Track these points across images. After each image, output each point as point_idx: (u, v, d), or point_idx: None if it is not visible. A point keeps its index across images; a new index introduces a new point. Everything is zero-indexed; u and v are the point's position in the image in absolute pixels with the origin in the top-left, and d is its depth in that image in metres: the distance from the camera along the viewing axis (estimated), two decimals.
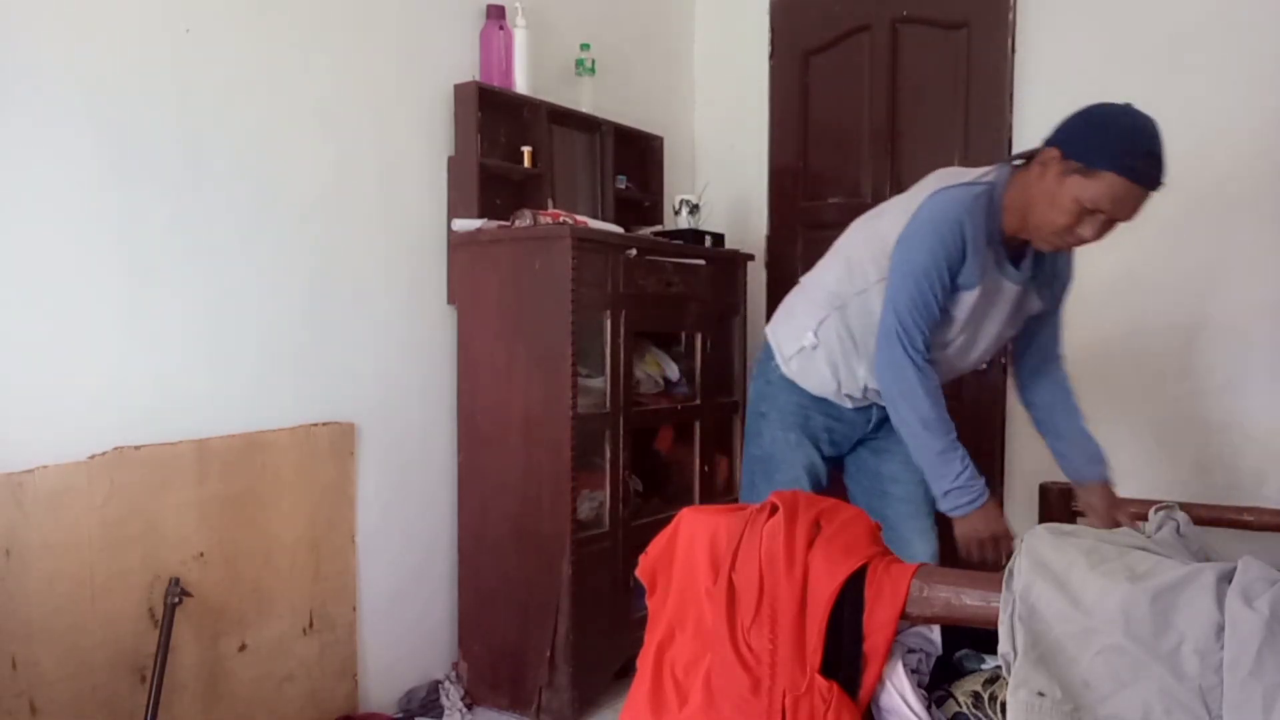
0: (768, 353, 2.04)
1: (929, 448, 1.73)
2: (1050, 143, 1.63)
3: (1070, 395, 1.98)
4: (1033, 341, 1.97)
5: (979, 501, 1.72)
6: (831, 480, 2.08)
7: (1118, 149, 1.54)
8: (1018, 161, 1.73)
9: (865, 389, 1.92)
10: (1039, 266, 1.81)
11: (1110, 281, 2.83)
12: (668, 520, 1.35)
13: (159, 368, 2.05)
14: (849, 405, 1.98)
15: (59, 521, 1.86)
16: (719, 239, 3.17)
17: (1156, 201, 2.82)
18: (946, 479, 1.72)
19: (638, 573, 1.38)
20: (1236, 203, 2.66)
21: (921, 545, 1.98)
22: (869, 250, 1.83)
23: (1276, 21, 2.60)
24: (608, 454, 2.66)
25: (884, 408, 1.97)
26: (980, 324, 1.81)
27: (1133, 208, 1.57)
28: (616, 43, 3.26)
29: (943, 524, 1.94)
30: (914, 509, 2.01)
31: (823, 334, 1.90)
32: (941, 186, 1.73)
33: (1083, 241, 1.63)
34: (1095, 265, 2.84)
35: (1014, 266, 1.76)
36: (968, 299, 1.73)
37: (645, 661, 1.31)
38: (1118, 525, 1.77)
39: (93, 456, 1.92)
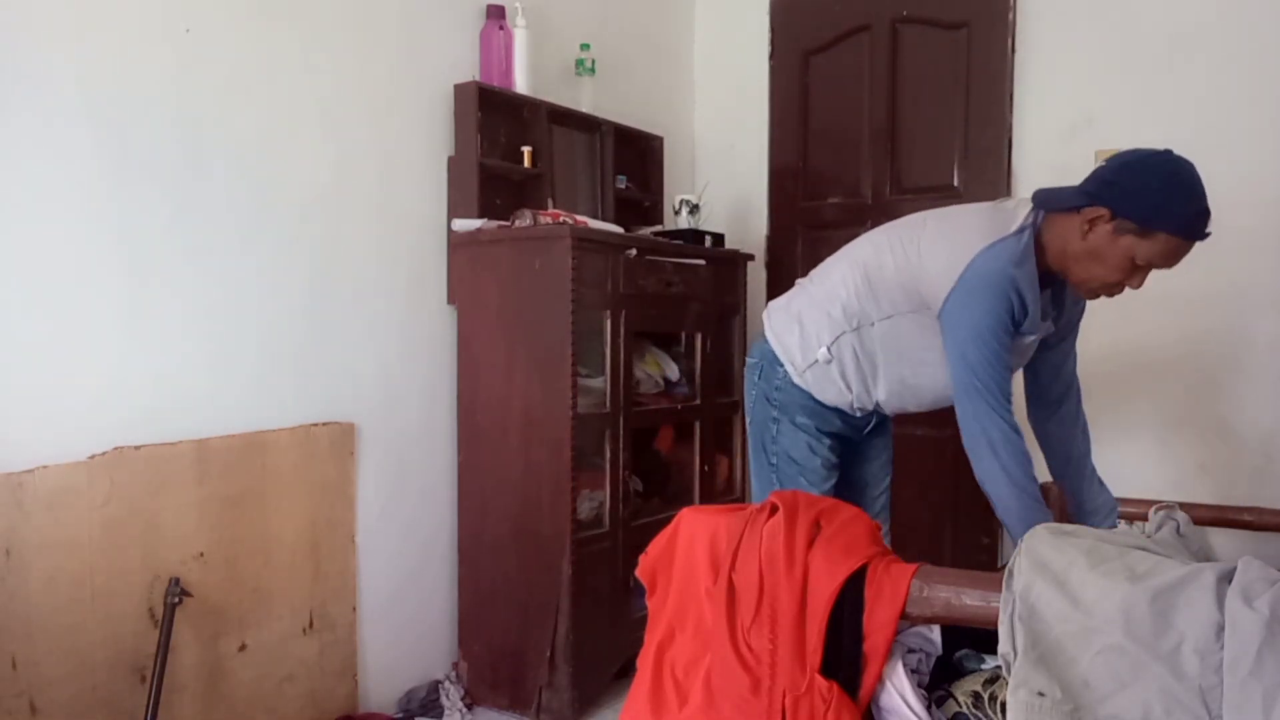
0: (770, 358, 1.98)
1: (1012, 508, 1.66)
2: (1096, 199, 1.60)
3: (1086, 441, 1.98)
4: (1059, 371, 1.95)
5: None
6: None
7: (1176, 212, 1.55)
8: (1050, 205, 1.70)
9: (878, 404, 1.93)
10: (1057, 295, 1.83)
11: None
12: (668, 520, 1.35)
13: (159, 368, 2.05)
14: (859, 415, 1.97)
15: (59, 521, 1.86)
16: (719, 239, 3.17)
17: None
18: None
19: (638, 573, 1.38)
20: (1236, 203, 2.65)
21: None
22: (901, 278, 1.78)
23: (1277, 21, 2.60)
24: (608, 454, 2.66)
25: (883, 415, 2.01)
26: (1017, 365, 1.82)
27: (1182, 259, 1.62)
28: (616, 43, 3.26)
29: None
30: (886, 515, 2.11)
31: (837, 350, 1.87)
32: (986, 245, 1.68)
33: (1122, 291, 1.67)
34: None
35: (1046, 308, 1.78)
36: (1024, 342, 1.75)
37: (645, 661, 1.31)
38: None
39: (93, 456, 1.92)
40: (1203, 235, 1.58)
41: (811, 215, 3.44)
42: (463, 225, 2.64)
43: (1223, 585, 0.95)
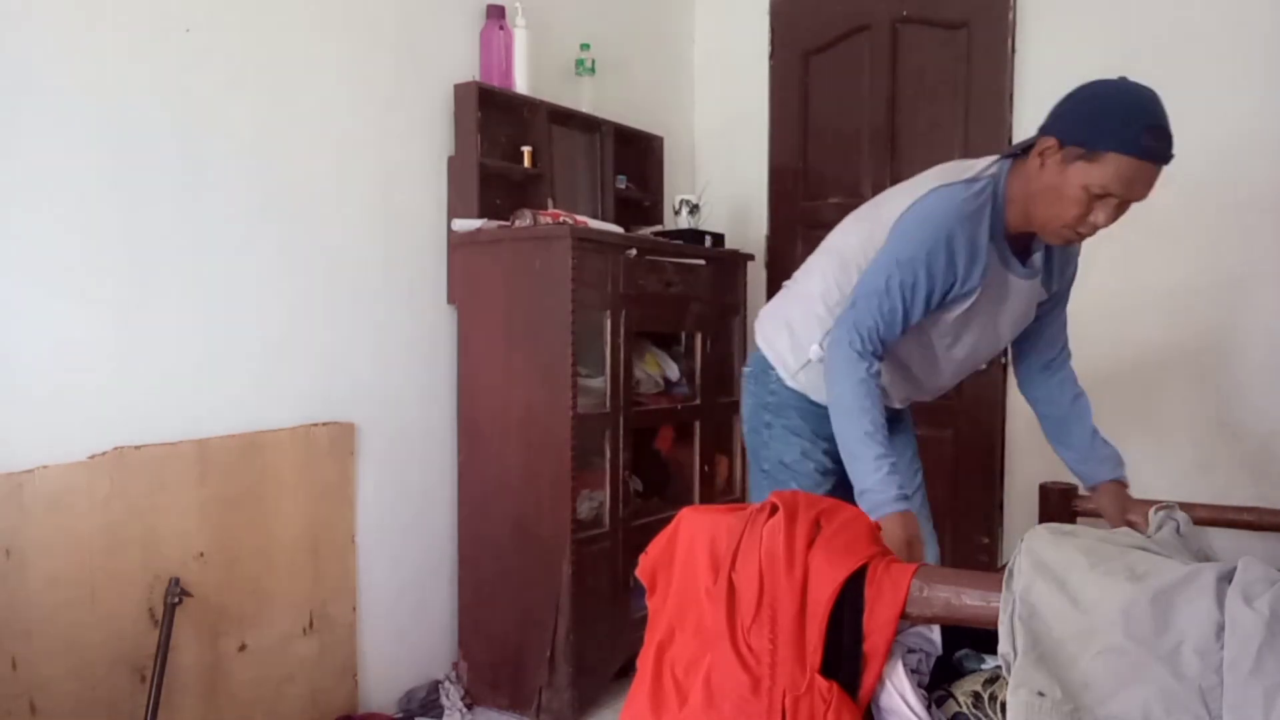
0: (763, 364, 1.93)
1: (845, 440, 1.62)
2: (1045, 130, 1.54)
3: (1080, 396, 1.91)
4: (1041, 335, 1.88)
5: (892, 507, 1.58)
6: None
7: (1120, 127, 1.45)
8: (1016, 153, 1.63)
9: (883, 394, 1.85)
10: (1049, 258, 1.75)
11: (1109, 281, 2.83)
12: (668, 520, 1.35)
13: (159, 368, 2.05)
14: None
15: (59, 521, 1.86)
16: (719, 239, 3.17)
17: (1156, 200, 2.81)
18: (860, 477, 1.61)
19: (638, 573, 1.38)
20: (1236, 202, 2.66)
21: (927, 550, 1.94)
22: (867, 247, 1.72)
23: (1276, 19, 2.60)
24: (608, 454, 2.66)
25: (890, 413, 1.90)
26: (992, 324, 1.72)
27: (1145, 186, 1.48)
28: (616, 43, 3.26)
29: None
30: (924, 516, 1.96)
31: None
32: (941, 184, 1.63)
33: (1096, 229, 1.53)
34: (1095, 265, 2.84)
35: (1021, 263, 1.68)
36: (964, 301, 1.65)
37: (645, 661, 1.31)
38: (1129, 524, 1.70)
39: (93, 456, 1.92)
40: (1159, 155, 1.46)
41: (811, 215, 3.44)
42: (463, 225, 2.64)
43: (1223, 585, 0.95)
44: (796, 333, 1.86)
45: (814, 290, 1.83)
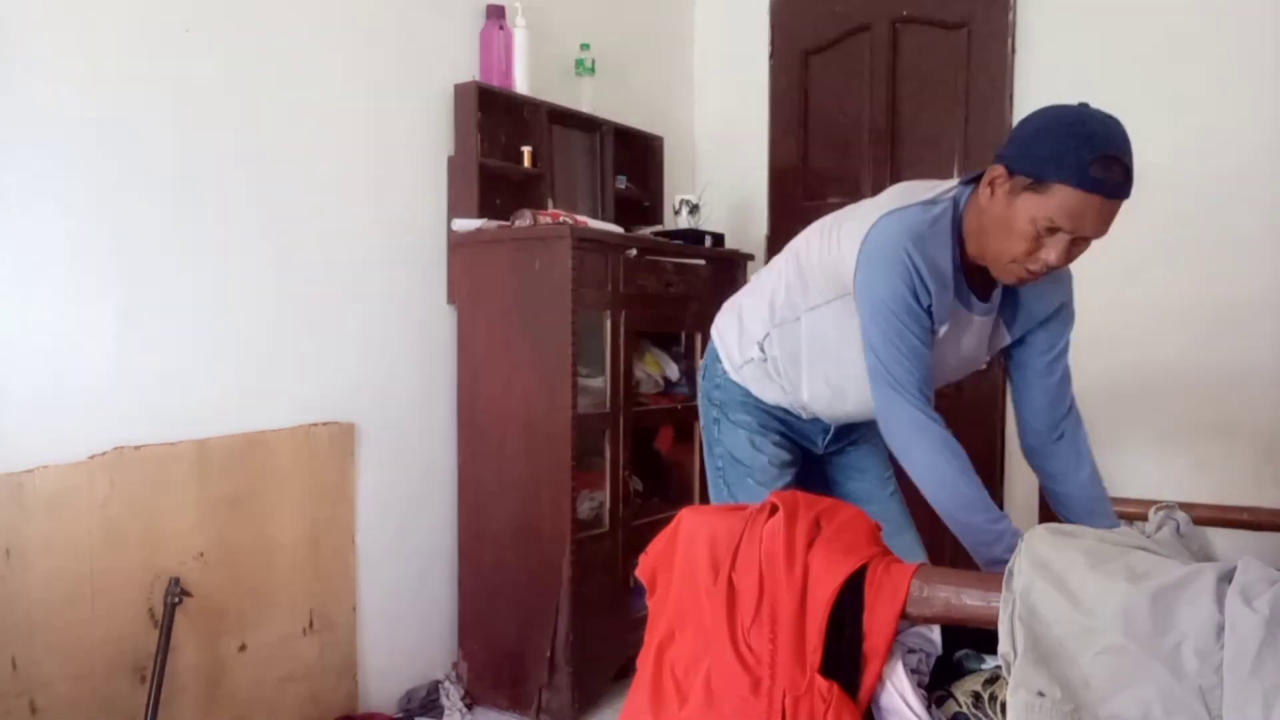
0: (713, 355, 1.86)
1: (950, 514, 1.48)
2: (997, 158, 1.43)
3: (1095, 471, 1.68)
4: (1049, 393, 1.66)
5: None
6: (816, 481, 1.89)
7: (1069, 157, 1.33)
8: (976, 178, 1.51)
9: (810, 409, 1.75)
10: (1009, 295, 1.59)
11: (1109, 281, 2.83)
12: (668, 520, 1.35)
13: (159, 368, 2.05)
14: (806, 418, 1.80)
15: (59, 521, 1.86)
16: (719, 239, 3.17)
17: (1157, 200, 2.83)
18: (987, 553, 1.45)
19: (638, 573, 1.38)
20: (1236, 201, 2.66)
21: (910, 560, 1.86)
22: (823, 260, 1.62)
23: (1276, 19, 2.60)
24: (608, 454, 2.66)
25: (842, 426, 1.82)
26: (940, 359, 1.57)
27: (1098, 221, 1.36)
28: (616, 43, 3.26)
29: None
30: (894, 527, 1.80)
31: (769, 349, 1.73)
32: (894, 207, 1.50)
33: (1050, 267, 1.40)
34: (1095, 263, 2.84)
35: (978, 297, 1.54)
36: (940, 330, 1.53)
37: (645, 661, 1.31)
38: None
39: (93, 456, 1.92)
40: (1109, 189, 1.33)
41: (811, 215, 3.38)
42: (463, 225, 2.64)
43: (1223, 585, 0.95)
44: (746, 327, 1.78)
45: (767, 286, 1.76)
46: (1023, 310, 1.62)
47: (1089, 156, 1.32)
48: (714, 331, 1.89)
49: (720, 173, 3.62)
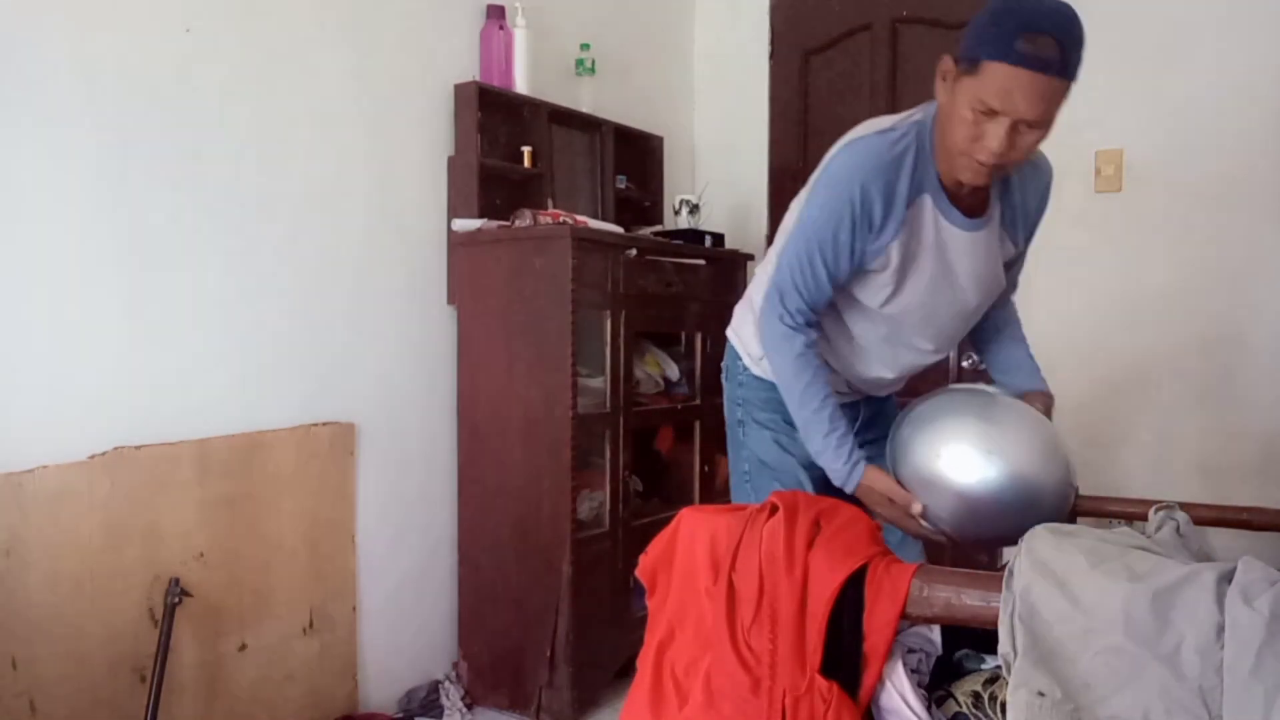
0: (732, 355, 1.84)
1: (796, 418, 1.58)
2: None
3: (1019, 326, 1.78)
4: (1003, 303, 1.77)
5: (855, 473, 1.53)
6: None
7: (995, 32, 1.30)
8: None
9: (847, 382, 1.75)
10: (1008, 203, 1.58)
11: (1109, 280, 2.83)
12: (668, 520, 1.35)
13: (159, 368, 2.05)
14: (838, 401, 1.72)
15: (59, 521, 1.86)
16: (719, 239, 3.17)
17: (1157, 200, 2.83)
18: (819, 455, 1.56)
19: (638, 573, 1.38)
20: (1236, 201, 2.66)
21: (908, 551, 1.81)
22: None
23: (1276, 19, 2.60)
24: (608, 454, 2.66)
25: (869, 405, 1.82)
26: (947, 283, 1.58)
27: (1029, 100, 1.31)
28: (616, 43, 3.26)
29: None
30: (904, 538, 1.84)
31: None
32: (855, 136, 1.50)
33: (994, 155, 1.36)
34: (1096, 265, 2.85)
35: (966, 214, 1.52)
36: (879, 257, 1.53)
37: (645, 661, 1.31)
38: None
39: (93, 456, 1.92)
40: (1037, 63, 1.28)
41: None
42: (463, 225, 2.64)
43: (1223, 585, 0.95)
44: (756, 315, 1.75)
45: (771, 270, 1.73)
46: (1020, 212, 1.61)
47: (1015, 31, 1.29)
48: (730, 331, 1.87)
49: (720, 173, 3.62)
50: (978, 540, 1.58)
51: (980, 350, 1.83)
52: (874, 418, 1.84)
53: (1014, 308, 1.81)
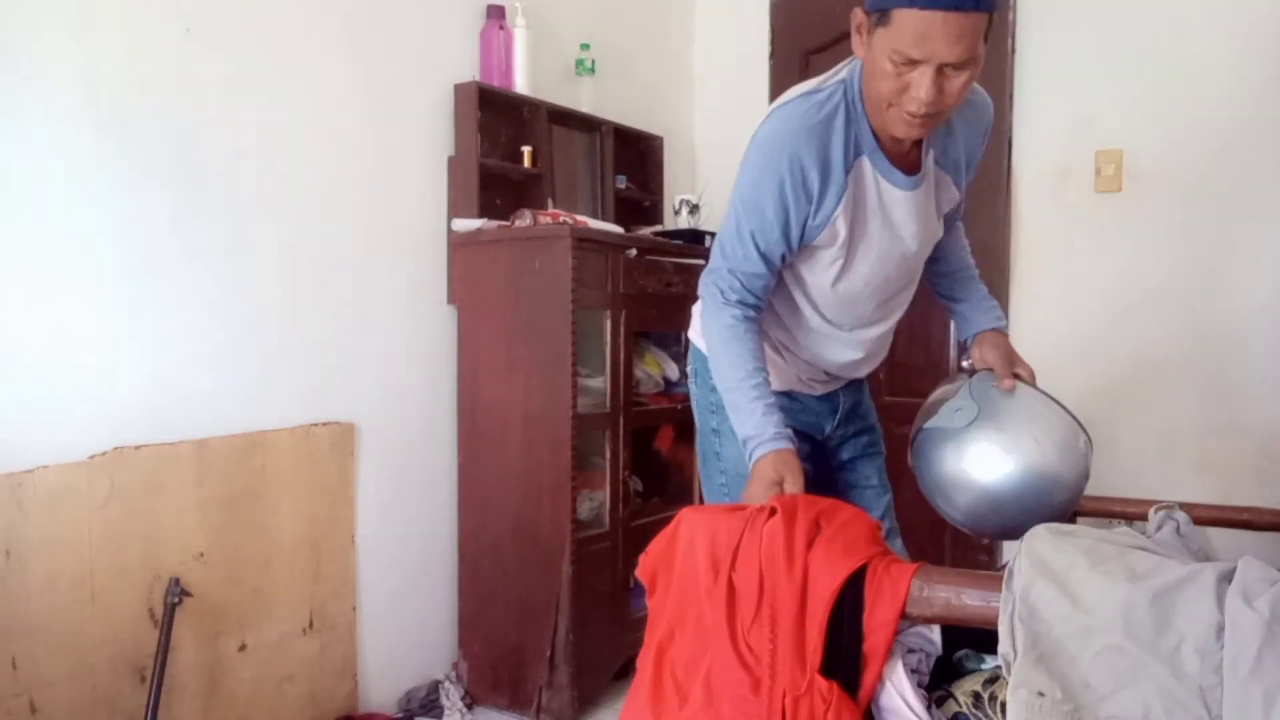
0: (699, 358, 1.70)
1: (723, 392, 1.50)
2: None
3: (971, 261, 1.75)
4: (958, 257, 1.74)
5: (760, 452, 1.43)
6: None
7: None
8: None
9: (824, 371, 1.66)
10: (950, 149, 1.52)
11: (1109, 280, 2.83)
12: (668, 520, 1.35)
13: (159, 368, 2.05)
14: (816, 392, 1.70)
15: (59, 521, 1.86)
16: None
17: (1158, 200, 2.83)
18: (741, 424, 1.47)
19: (638, 573, 1.38)
20: (1235, 201, 2.66)
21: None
22: None
23: (1276, 19, 2.60)
24: (608, 454, 2.66)
25: (849, 394, 1.75)
26: (894, 248, 1.52)
27: (948, 41, 1.25)
28: (616, 43, 3.26)
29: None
30: (894, 540, 1.80)
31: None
32: (779, 104, 1.43)
33: (924, 105, 1.29)
34: (1095, 262, 2.85)
35: (904, 171, 1.46)
36: (823, 230, 1.46)
37: (645, 661, 1.31)
38: (1016, 378, 1.53)
39: (93, 456, 1.92)
40: (945, 2, 1.23)
41: None
42: (463, 225, 2.64)
43: (1223, 585, 0.95)
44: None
45: None
46: (964, 156, 1.56)
47: None
48: (692, 334, 1.76)
49: (720, 173, 3.62)
50: (991, 534, 1.61)
51: (934, 284, 1.76)
52: (854, 409, 1.77)
53: (963, 241, 1.76)
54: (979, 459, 1.45)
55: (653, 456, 3.05)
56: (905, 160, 1.46)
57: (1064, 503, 1.46)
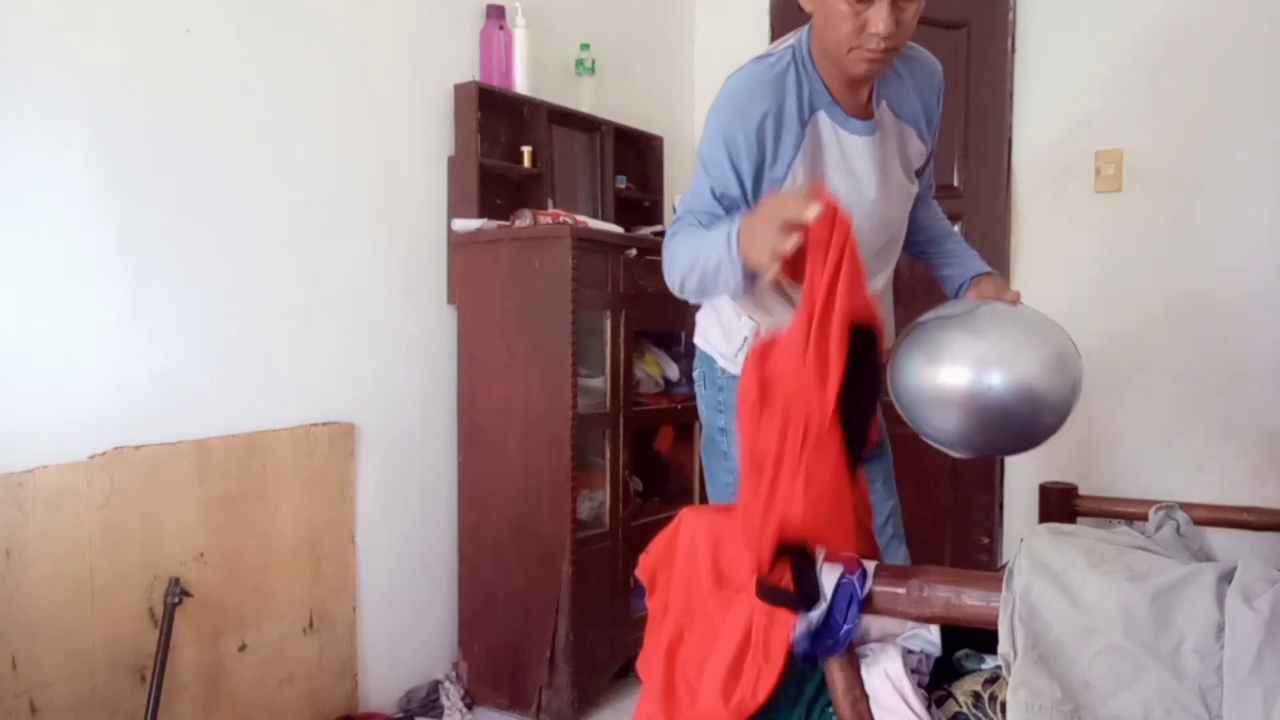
0: (706, 361, 1.75)
1: (706, 260, 1.41)
2: None
3: (948, 225, 1.80)
4: (934, 218, 1.80)
5: (735, 226, 1.36)
6: None
7: None
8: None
9: None
10: (904, 99, 1.58)
11: (1108, 280, 2.83)
12: (668, 520, 1.35)
13: (159, 368, 2.05)
14: None
15: (59, 521, 1.86)
16: None
17: (1158, 200, 2.83)
18: (720, 248, 1.38)
19: (638, 572, 1.38)
20: (1235, 201, 2.66)
21: (894, 551, 1.79)
22: None
23: (1275, 19, 2.60)
24: (608, 454, 2.66)
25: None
26: (859, 195, 1.54)
27: None
28: (616, 43, 3.26)
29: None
30: (899, 543, 1.80)
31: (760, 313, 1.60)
32: (733, 72, 1.51)
33: (883, 39, 1.37)
34: (1095, 262, 2.85)
35: (857, 117, 1.52)
36: (798, 177, 1.50)
37: (654, 663, 1.31)
38: (1015, 302, 1.55)
39: (93, 456, 1.92)
40: None
41: None
42: (463, 225, 2.64)
43: (1223, 585, 0.95)
44: (723, 313, 1.69)
45: None
46: (921, 107, 1.61)
47: None
48: (697, 339, 1.78)
49: None
50: (987, 451, 1.56)
51: (920, 255, 1.79)
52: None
53: (939, 211, 1.81)
54: (978, 338, 1.40)
55: (653, 456, 3.05)
56: (861, 111, 1.53)
57: (1059, 402, 1.42)
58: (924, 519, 3.11)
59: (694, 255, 1.44)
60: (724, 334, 1.71)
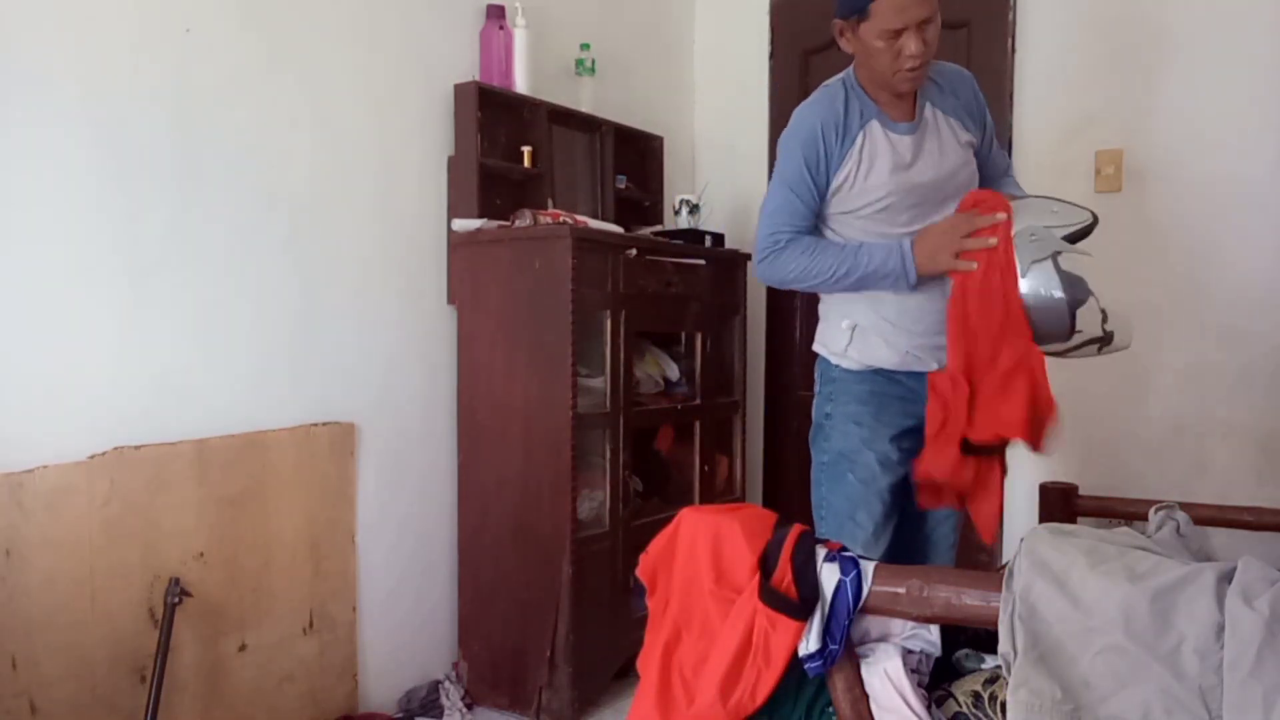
0: (823, 363, 1.98)
1: (848, 278, 1.83)
2: (834, 21, 1.83)
3: (1008, 171, 2.13)
4: (993, 165, 2.09)
5: (909, 250, 1.81)
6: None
7: None
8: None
9: (930, 333, 1.87)
10: (945, 102, 1.92)
11: (1108, 280, 2.82)
12: (668, 520, 1.35)
13: (159, 368, 2.05)
14: (926, 366, 1.87)
15: (59, 521, 1.86)
16: (719, 239, 3.17)
17: (1158, 200, 2.83)
18: (886, 266, 1.82)
19: (638, 572, 1.38)
20: (1235, 201, 2.66)
21: (940, 544, 2.01)
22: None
23: (1275, 19, 2.60)
24: (608, 454, 2.66)
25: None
26: (903, 176, 1.86)
27: (919, 5, 1.72)
28: (616, 43, 3.26)
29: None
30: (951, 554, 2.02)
31: (854, 313, 1.90)
32: (802, 103, 1.94)
33: (917, 57, 1.73)
34: (1095, 262, 2.84)
35: (902, 121, 1.87)
36: (855, 167, 1.84)
37: (651, 663, 1.31)
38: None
39: (93, 456, 1.92)
40: None
41: None
42: (463, 225, 2.64)
43: (1223, 585, 0.95)
44: (829, 315, 1.97)
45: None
46: (962, 105, 1.95)
47: None
48: (816, 346, 2.03)
49: (720, 173, 3.62)
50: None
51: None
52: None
53: (1004, 167, 2.13)
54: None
55: (653, 456, 3.05)
56: (906, 116, 1.90)
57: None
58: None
59: (840, 261, 1.83)
60: (832, 333, 1.96)
